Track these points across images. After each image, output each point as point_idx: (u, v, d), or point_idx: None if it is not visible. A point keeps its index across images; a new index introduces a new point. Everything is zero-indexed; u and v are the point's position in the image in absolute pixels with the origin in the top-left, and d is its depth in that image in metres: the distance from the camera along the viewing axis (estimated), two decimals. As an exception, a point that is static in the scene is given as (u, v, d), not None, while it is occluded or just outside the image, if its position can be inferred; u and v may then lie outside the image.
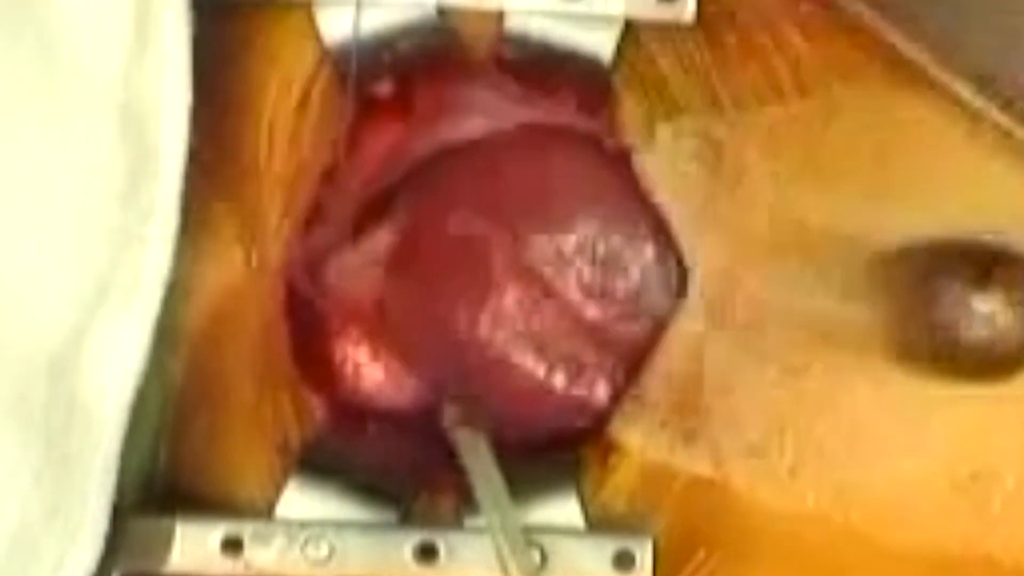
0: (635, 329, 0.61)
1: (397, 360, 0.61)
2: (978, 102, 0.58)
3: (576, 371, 0.61)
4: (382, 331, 0.61)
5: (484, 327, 0.61)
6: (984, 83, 0.58)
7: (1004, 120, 0.58)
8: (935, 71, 0.58)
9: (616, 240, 0.61)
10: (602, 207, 0.61)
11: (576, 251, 0.61)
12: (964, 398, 0.59)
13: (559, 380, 0.61)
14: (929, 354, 0.57)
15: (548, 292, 0.61)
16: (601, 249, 0.61)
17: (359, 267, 0.61)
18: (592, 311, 0.61)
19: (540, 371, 0.61)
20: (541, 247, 0.61)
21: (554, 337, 0.61)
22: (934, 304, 0.57)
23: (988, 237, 0.58)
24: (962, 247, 0.58)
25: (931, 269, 0.57)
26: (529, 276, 0.61)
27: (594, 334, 0.61)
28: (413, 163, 0.61)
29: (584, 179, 0.61)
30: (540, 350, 0.61)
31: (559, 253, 0.61)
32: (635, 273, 0.61)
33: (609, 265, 0.61)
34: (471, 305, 0.61)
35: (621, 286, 0.61)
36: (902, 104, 0.59)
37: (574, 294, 0.61)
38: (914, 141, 0.58)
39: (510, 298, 0.61)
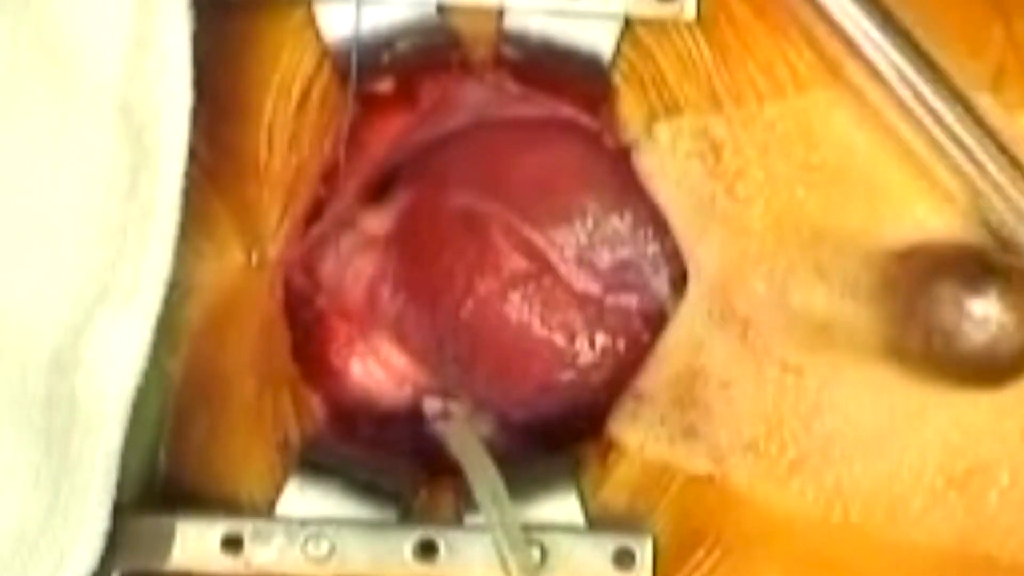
0: (628, 305, 0.61)
1: (389, 337, 0.61)
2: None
3: (568, 335, 0.61)
4: (375, 313, 0.61)
5: (480, 293, 0.61)
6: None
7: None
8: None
9: (613, 220, 0.61)
10: (601, 195, 0.61)
11: (575, 229, 0.61)
12: (959, 395, 0.59)
13: (551, 339, 0.61)
14: (927, 356, 0.57)
15: (544, 263, 0.61)
16: (598, 227, 0.61)
17: (354, 252, 0.61)
18: (583, 282, 0.61)
19: (532, 332, 0.61)
20: (540, 224, 0.61)
21: (548, 306, 0.61)
22: (932, 306, 0.57)
23: (986, 239, 0.58)
24: (960, 249, 0.58)
25: (929, 270, 0.57)
26: (526, 247, 0.61)
27: (586, 306, 0.61)
28: (412, 151, 0.61)
29: (584, 168, 0.61)
30: (534, 314, 0.61)
31: (558, 230, 0.61)
32: (628, 250, 0.61)
33: (602, 239, 0.61)
34: (468, 272, 0.61)
35: (611, 258, 0.61)
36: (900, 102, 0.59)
37: (568, 265, 0.61)
38: (913, 140, 0.58)
39: (507, 266, 0.61)
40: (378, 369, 0.61)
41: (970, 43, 0.58)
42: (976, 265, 0.57)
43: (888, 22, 0.56)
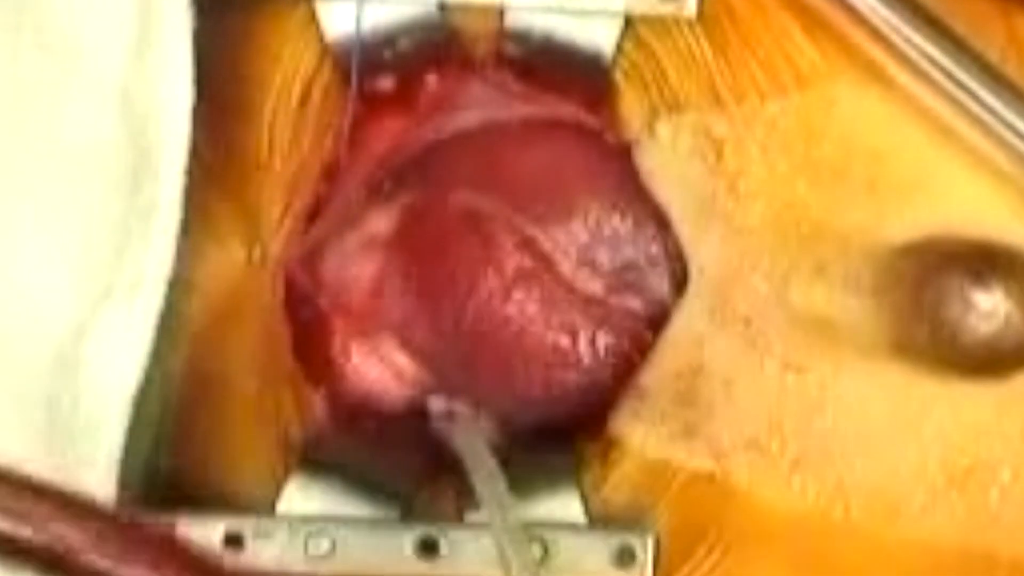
0: (631, 304, 0.61)
1: (393, 338, 0.61)
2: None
3: (571, 336, 0.61)
4: (377, 314, 0.61)
5: (483, 294, 0.61)
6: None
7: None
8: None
9: (615, 219, 0.61)
10: (602, 194, 0.61)
11: (576, 227, 0.61)
12: (961, 392, 0.59)
13: (555, 340, 0.61)
14: (932, 350, 0.57)
15: (548, 265, 0.61)
16: (600, 226, 0.61)
17: (357, 251, 0.61)
18: (588, 283, 0.61)
19: (537, 336, 0.61)
20: (542, 223, 0.61)
21: (551, 306, 0.61)
22: (937, 300, 0.57)
23: (990, 232, 0.58)
24: (964, 242, 0.58)
25: (933, 265, 0.57)
26: (528, 246, 0.61)
27: (590, 307, 0.61)
28: (413, 153, 0.61)
29: (585, 167, 0.61)
30: (537, 315, 0.61)
31: (560, 229, 0.61)
32: (629, 248, 0.61)
33: (605, 240, 0.61)
34: (471, 273, 0.61)
35: (615, 259, 0.61)
36: (902, 98, 0.59)
37: (572, 267, 0.61)
38: (915, 136, 0.59)
39: (510, 266, 0.61)
40: (379, 367, 0.61)
41: (971, 38, 0.58)
42: (982, 258, 0.57)
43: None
